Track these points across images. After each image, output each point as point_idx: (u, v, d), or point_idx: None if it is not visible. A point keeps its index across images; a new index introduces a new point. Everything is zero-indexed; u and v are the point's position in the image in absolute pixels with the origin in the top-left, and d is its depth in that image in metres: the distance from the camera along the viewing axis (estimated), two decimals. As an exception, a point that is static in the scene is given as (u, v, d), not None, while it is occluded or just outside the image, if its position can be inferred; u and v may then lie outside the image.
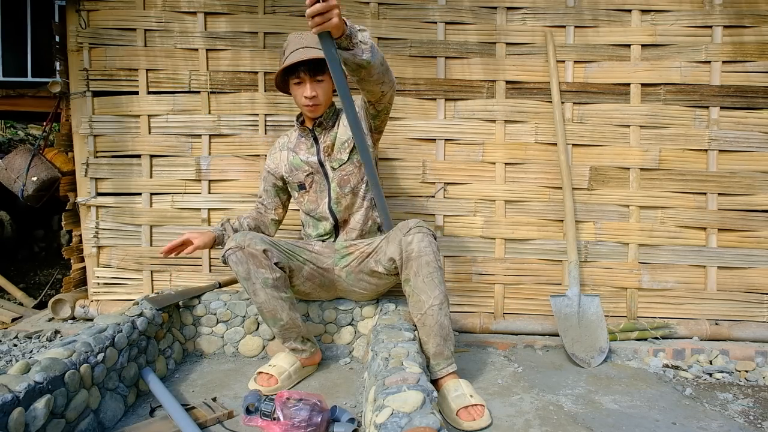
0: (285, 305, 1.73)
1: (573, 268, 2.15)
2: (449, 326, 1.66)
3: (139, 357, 1.69)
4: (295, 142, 1.93)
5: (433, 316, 1.62)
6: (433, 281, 1.62)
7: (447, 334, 1.65)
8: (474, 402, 1.52)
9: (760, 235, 2.25)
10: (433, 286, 1.62)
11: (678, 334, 2.17)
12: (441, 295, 1.63)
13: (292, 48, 1.75)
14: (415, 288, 1.64)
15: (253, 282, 1.68)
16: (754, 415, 1.61)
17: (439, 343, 1.64)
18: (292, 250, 1.83)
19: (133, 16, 2.33)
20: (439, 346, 1.64)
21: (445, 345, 1.65)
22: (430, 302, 1.62)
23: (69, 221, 2.42)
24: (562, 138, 2.23)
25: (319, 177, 1.89)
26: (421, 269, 1.62)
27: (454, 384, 1.60)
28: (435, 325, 1.62)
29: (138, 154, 2.37)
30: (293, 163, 1.91)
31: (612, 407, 1.63)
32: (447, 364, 1.65)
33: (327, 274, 1.89)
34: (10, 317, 2.54)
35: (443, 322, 1.63)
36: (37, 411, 1.19)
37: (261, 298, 1.70)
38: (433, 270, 1.62)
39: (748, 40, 2.25)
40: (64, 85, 2.39)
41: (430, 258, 1.62)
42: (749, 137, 2.26)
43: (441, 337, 1.63)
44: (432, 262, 1.62)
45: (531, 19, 2.30)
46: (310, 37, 1.77)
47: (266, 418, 1.40)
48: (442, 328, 1.63)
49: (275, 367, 1.74)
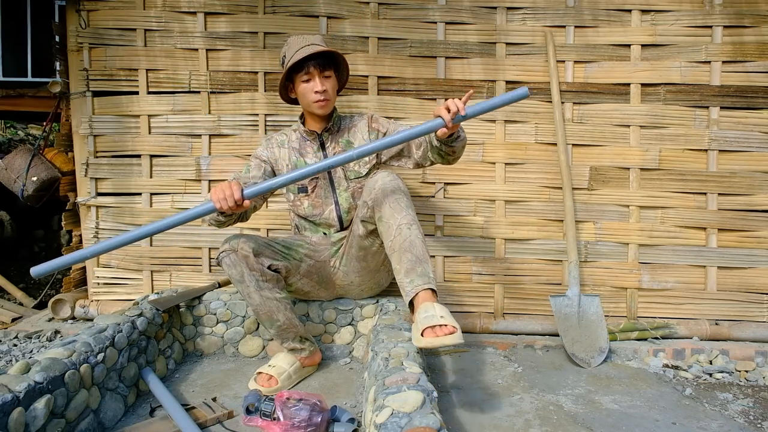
0: (281, 306, 1.73)
1: (573, 268, 2.15)
2: (422, 247, 1.56)
3: (139, 357, 1.69)
4: (299, 144, 1.91)
5: (401, 234, 1.56)
6: (399, 205, 1.60)
7: (421, 254, 1.54)
8: (444, 322, 1.38)
9: (760, 235, 2.25)
10: (400, 209, 1.59)
11: (678, 334, 2.17)
12: (409, 216, 1.59)
13: (297, 47, 1.76)
14: (383, 216, 1.61)
15: (247, 285, 1.68)
16: (754, 415, 1.61)
17: (411, 260, 1.53)
18: (288, 246, 1.83)
19: (133, 16, 2.33)
20: (411, 263, 1.53)
21: (418, 263, 1.53)
22: (397, 223, 1.58)
23: (69, 221, 2.42)
24: (562, 138, 2.23)
25: (324, 183, 1.88)
26: (387, 197, 1.61)
27: (426, 306, 1.44)
28: (404, 242, 1.55)
29: (138, 154, 2.37)
30: (298, 165, 1.87)
31: (612, 407, 1.63)
32: (422, 281, 1.50)
33: (323, 268, 1.89)
34: (10, 317, 2.54)
35: (414, 241, 1.55)
36: (37, 411, 1.19)
37: (256, 300, 1.70)
38: (400, 196, 1.61)
39: (748, 40, 2.25)
40: (64, 85, 2.39)
41: (394, 186, 1.63)
42: (749, 137, 2.26)
43: (413, 254, 1.53)
44: (397, 190, 1.62)
45: (531, 19, 2.30)
46: (313, 37, 1.80)
47: (266, 418, 1.40)
48: (413, 245, 1.55)
49: (275, 368, 1.74)
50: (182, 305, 2.00)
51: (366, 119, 1.91)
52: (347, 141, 1.89)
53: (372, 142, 1.69)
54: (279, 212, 2.33)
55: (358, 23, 2.31)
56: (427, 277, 1.52)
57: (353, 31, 2.31)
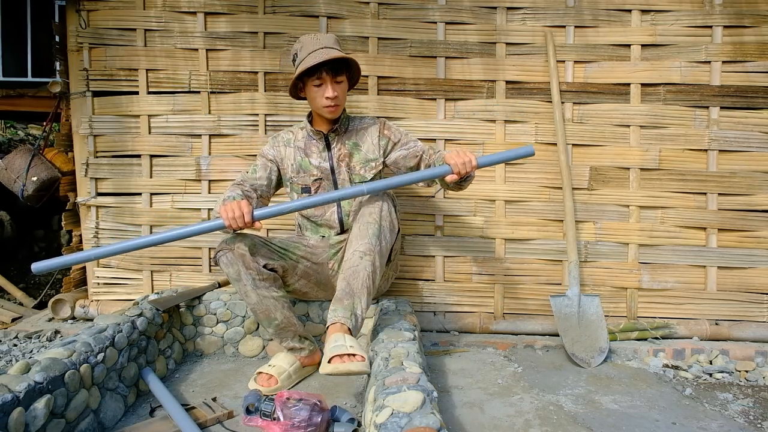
0: (278, 304, 1.72)
1: (573, 268, 2.15)
2: (365, 280, 1.54)
3: (139, 357, 1.69)
4: (305, 143, 1.89)
5: (352, 260, 1.57)
6: (367, 231, 1.60)
7: (358, 288, 1.53)
8: (353, 352, 1.37)
9: (760, 235, 2.25)
10: (365, 235, 1.59)
11: (678, 334, 2.17)
12: (368, 245, 1.57)
13: (310, 49, 1.72)
14: (350, 236, 1.64)
15: (244, 283, 1.68)
16: (754, 415, 1.61)
17: (344, 290, 1.54)
18: (285, 247, 1.82)
19: (133, 16, 2.33)
20: (343, 293, 1.54)
21: (350, 295, 1.53)
22: (354, 248, 1.59)
23: (69, 221, 2.42)
24: (562, 138, 2.23)
25: (327, 184, 1.87)
26: (361, 218, 1.63)
27: (336, 336, 1.43)
28: (349, 270, 1.56)
29: (138, 154, 2.37)
30: (302, 164, 1.87)
31: (612, 407, 1.63)
32: (343, 315, 1.50)
33: (322, 270, 1.89)
34: (10, 317, 2.54)
35: (359, 272, 1.55)
36: (37, 411, 1.19)
37: (253, 298, 1.70)
38: (372, 222, 1.62)
39: (748, 40, 2.25)
40: (64, 85, 2.39)
41: (374, 210, 1.63)
42: (749, 137, 2.26)
43: (349, 286, 1.54)
44: (374, 214, 1.62)
45: (531, 19, 2.30)
46: (326, 38, 1.76)
47: (266, 418, 1.40)
48: (356, 276, 1.54)
49: (275, 367, 1.74)
50: (182, 305, 2.00)
51: (378, 125, 1.90)
52: (354, 144, 1.87)
53: (382, 179, 1.68)
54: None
55: (358, 23, 2.31)
56: (350, 312, 1.52)
57: (353, 31, 2.31)
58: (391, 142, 1.88)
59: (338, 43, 1.80)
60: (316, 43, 1.73)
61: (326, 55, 1.68)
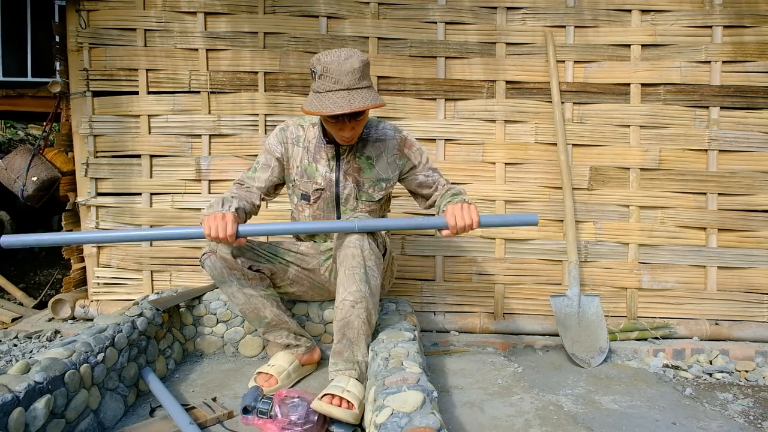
0: (266, 302, 1.72)
1: (573, 268, 2.15)
2: (361, 329, 1.53)
3: (139, 357, 1.69)
4: (315, 147, 1.73)
5: (342, 311, 1.54)
6: (353, 276, 1.52)
7: (355, 337, 1.53)
8: (346, 397, 1.39)
9: (760, 235, 2.25)
10: (352, 281, 1.53)
11: (678, 334, 2.17)
12: (358, 293, 1.52)
13: (332, 81, 1.49)
14: (339, 279, 1.57)
15: (229, 284, 1.67)
16: (754, 415, 1.61)
17: (340, 341, 1.54)
18: (274, 252, 1.79)
19: (133, 16, 2.33)
20: (340, 345, 1.54)
21: (348, 347, 1.53)
22: (342, 296, 1.54)
23: (69, 221, 2.41)
24: (562, 138, 2.23)
25: (329, 195, 1.75)
26: (346, 260, 1.55)
27: (340, 378, 1.49)
28: (342, 321, 1.54)
29: (138, 154, 2.37)
30: (308, 170, 1.74)
31: (612, 407, 1.63)
32: (345, 366, 1.53)
33: (314, 276, 1.86)
34: (10, 317, 2.54)
35: (352, 322, 1.52)
36: (37, 411, 1.19)
37: (240, 299, 1.69)
38: (357, 265, 1.53)
39: (748, 40, 2.25)
40: (64, 85, 2.39)
41: (356, 251, 1.53)
42: (749, 137, 2.26)
43: (346, 338, 1.53)
44: (357, 256, 1.53)
45: (531, 19, 2.30)
46: (351, 72, 1.49)
47: (263, 416, 1.40)
48: (349, 326, 1.52)
49: (274, 367, 1.74)
50: (182, 305, 2.00)
51: (398, 141, 1.73)
52: (367, 158, 1.72)
53: (377, 220, 1.67)
54: (279, 212, 2.33)
55: (358, 23, 2.31)
56: (351, 363, 1.54)
57: (353, 31, 2.31)
58: (410, 164, 1.75)
59: (364, 72, 1.52)
60: (341, 78, 1.48)
61: (348, 106, 1.47)
